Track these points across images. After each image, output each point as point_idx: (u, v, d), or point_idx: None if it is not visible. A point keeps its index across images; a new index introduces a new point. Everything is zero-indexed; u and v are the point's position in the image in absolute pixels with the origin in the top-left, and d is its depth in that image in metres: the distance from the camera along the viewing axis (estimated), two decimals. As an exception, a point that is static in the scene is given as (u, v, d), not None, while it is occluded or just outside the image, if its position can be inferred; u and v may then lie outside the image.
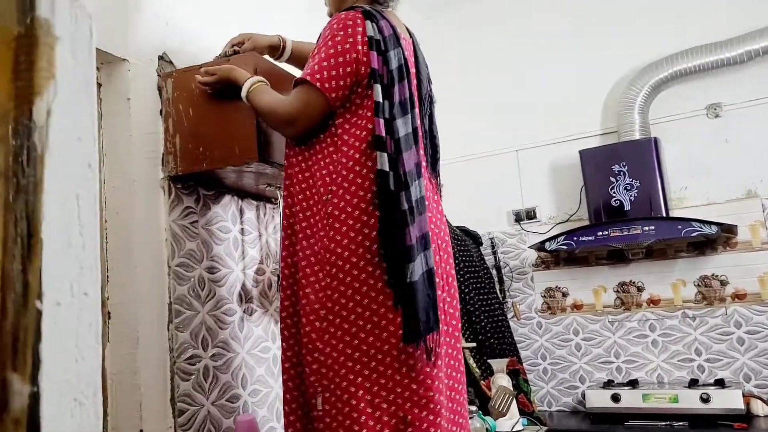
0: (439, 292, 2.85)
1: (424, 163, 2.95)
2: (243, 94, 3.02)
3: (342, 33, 2.83)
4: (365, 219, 2.73)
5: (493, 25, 6.18)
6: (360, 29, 2.84)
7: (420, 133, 2.96)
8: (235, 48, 3.34)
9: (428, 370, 2.74)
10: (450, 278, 3.02)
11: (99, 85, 3.24)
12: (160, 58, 3.46)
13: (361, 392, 2.70)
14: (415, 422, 2.70)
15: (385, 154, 2.73)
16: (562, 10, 5.92)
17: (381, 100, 2.79)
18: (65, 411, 1.13)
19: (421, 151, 2.94)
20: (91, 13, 1.28)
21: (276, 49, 3.50)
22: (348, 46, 2.81)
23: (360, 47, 2.81)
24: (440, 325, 2.78)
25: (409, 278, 2.66)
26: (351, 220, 2.74)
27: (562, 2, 5.94)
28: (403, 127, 2.80)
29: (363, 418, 2.68)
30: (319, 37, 2.96)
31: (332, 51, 2.81)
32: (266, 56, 3.43)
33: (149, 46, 3.41)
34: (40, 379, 1.09)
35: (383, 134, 2.74)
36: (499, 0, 6.18)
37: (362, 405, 2.69)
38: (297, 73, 3.40)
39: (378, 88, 2.80)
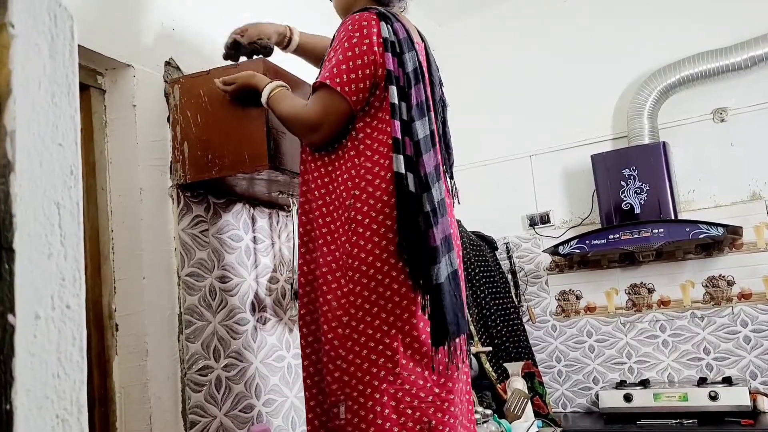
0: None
1: (442, 167, 2.86)
2: (263, 99, 2.93)
3: (358, 34, 2.74)
4: (389, 224, 2.64)
5: (506, 33, 6.15)
6: (375, 30, 2.74)
7: (436, 137, 2.86)
8: (235, 37, 3.21)
9: (451, 373, 2.68)
10: (462, 282, 2.90)
11: (103, 91, 3.14)
12: (167, 63, 3.33)
13: (385, 398, 2.62)
14: (438, 426, 2.63)
15: (402, 156, 2.64)
16: (574, 18, 5.89)
17: (397, 102, 2.70)
18: (47, 428, 1.06)
19: (439, 155, 2.84)
20: (72, 13, 1.20)
21: (283, 38, 3.37)
22: (365, 47, 2.72)
23: (376, 48, 2.72)
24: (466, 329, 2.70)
25: (435, 280, 2.57)
26: (375, 225, 2.64)
27: (575, 10, 5.91)
28: (421, 129, 2.72)
29: (388, 424, 2.61)
30: (333, 39, 2.87)
31: (350, 53, 2.72)
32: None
33: (155, 52, 3.29)
34: (13, 397, 1.01)
35: (399, 136, 2.66)
36: (512, 7, 6.15)
37: (387, 411, 2.62)
38: (303, 68, 3.33)
39: (393, 89, 2.71)
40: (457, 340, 2.67)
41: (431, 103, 2.89)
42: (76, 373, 1.12)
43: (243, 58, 3.23)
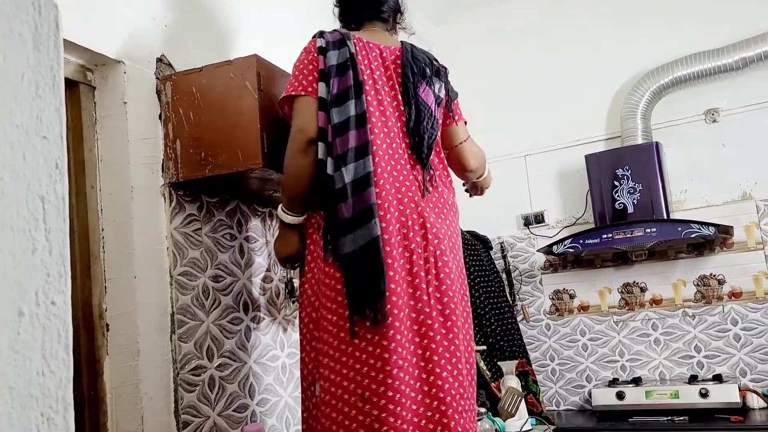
0: (415, 269, 2.88)
1: (402, 152, 3.03)
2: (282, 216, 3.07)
3: (302, 53, 3.06)
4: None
5: (502, 33, 6.17)
6: (312, 44, 3.04)
7: (372, 118, 2.97)
8: None
9: (385, 343, 2.72)
10: (441, 271, 2.94)
11: (93, 87, 3.08)
12: (159, 60, 3.27)
13: (332, 375, 2.75)
14: (373, 398, 2.69)
15: (323, 144, 2.87)
16: (569, 19, 5.91)
17: (325, 96, 2.91)
18: (31, 427, 1.03)
19: (385, 137, 3.00)
20: (57, 3, 1.17)
21: None
22: (305, 58, 3.03)
23: (313, 55, 3.00)
24: (386, 294, 2.74)
25: (340, 251, 2.79)
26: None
27: (570, 11, 5.92)
28: (340, 113, 2.89)
29: (333, 401, 2.75)
30: None
31: (295, 66, 3.05)
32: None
33: (147, 48, 3.23)
34: None
35: (323, 125, 2.90)
36: (507, 8, 6.16)
37: (333, 388, 2.75)
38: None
39: (322, 85, 2.93)
40: (382, 307, 2.73)
41: (367, 88, 3.00)
42: (62, 371, 1.10)
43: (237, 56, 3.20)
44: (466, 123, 3.42)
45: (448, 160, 3.31)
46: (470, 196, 3.73)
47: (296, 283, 3.57)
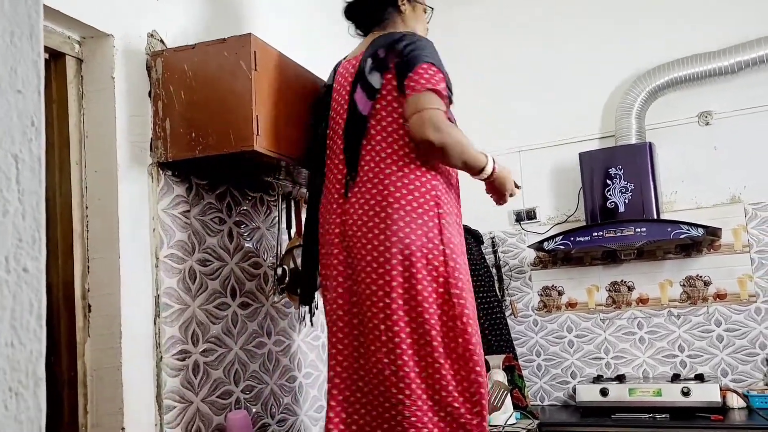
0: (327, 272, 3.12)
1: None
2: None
3: None
4: None
5: (495, 28, 6.13)
6: None
7: (331, 132, 3.22)
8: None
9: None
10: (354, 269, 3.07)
11: (80, 60, 2.98)
12: (150, 35, 3.17)
13: None
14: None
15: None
16: (567, 16, 5.89)
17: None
18: None
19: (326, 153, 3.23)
20: None
21: None
22: None
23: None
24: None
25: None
26: None
27: (568, 9, 5.90)
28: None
29: None
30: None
31: None
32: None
33: (138, 22, 3.12)
34: None
35: None
36: (504, 4, 6.14)
37: None
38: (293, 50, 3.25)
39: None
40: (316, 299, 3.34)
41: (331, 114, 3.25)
42: (33, 342, 1.01)
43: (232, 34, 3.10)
44: (434, 91, 3.01)
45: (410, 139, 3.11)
46: (496, 203, 3.61)
47: (280, 271, 3.52)
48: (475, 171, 3.10)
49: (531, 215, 5.81)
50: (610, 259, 5.56)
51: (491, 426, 4.30)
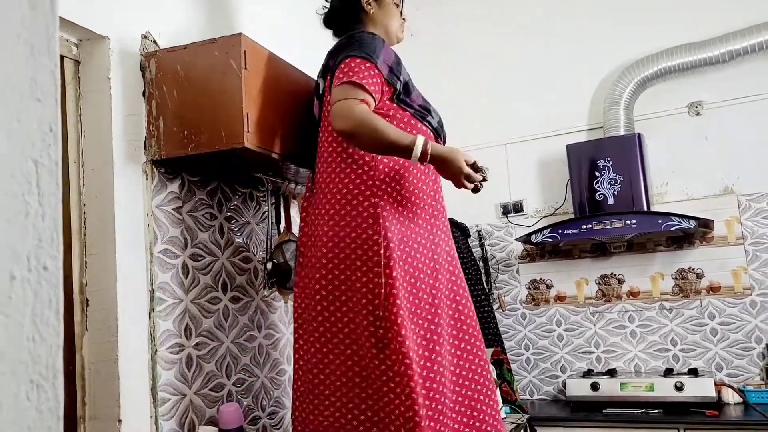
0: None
1: None
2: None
3: None
4: None
5: (483, 20, 6.14)
6: None
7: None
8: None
9: None
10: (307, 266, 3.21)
11: (77, 62, 3.07)
12: (144, 36, 3.26)
13: None
14: None
15: None
16: (554, 7, 5.90)
17: None
18: (21, 393, 1.02)
19: None
20: None
21: None
22: None
23: None
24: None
25: None
26: None
27: (552, 1, 5.92)
28: None
29: None
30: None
31: None
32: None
33: (132, 24, 3.21)
34: None
35: None
36: None
37: None
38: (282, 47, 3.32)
39: None
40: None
41: None
42: (53, 337, 1.09)
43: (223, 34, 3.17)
44: (349, 83, 2.99)
45: None
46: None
47: (269, 265, 3.60)
48: (401, 154, 2.95)
49: (518, 208, 5.83)
50: (599, 252, 5.57)
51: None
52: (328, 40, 3.44)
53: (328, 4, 3.51)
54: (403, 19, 3.49)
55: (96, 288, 2.96)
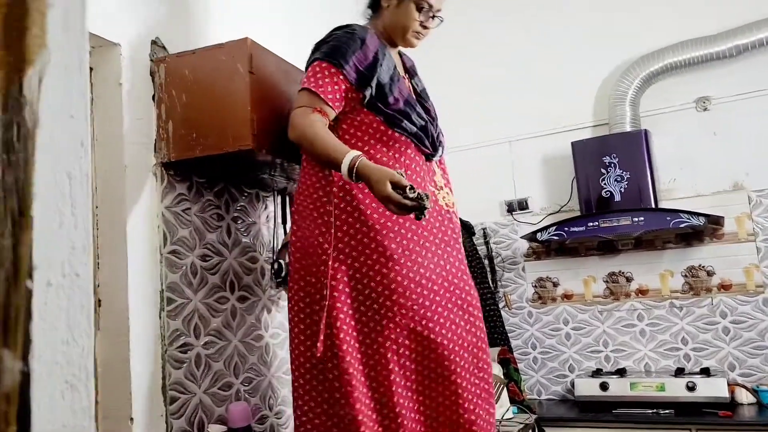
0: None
1: None
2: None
3: None
4: None
5: (489, 16, 6.16)
6: None
7: None
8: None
9: None
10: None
11: (90, 69, 3.16)
12: (153, 42, 3.37)
13: None
14: None
15: None
16: (558, 3, 5.92)
17: None
18: (56, 393, 1.10)
19: None
20: None
21: None
22: None
23: None
24: None
25: None
26: None
27: (557, -3, 5.93)
28: None
29: None
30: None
31: None
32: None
33: (142, 31, 3.32)
34: (31, 360, 1.06)
35: None
36: None
37: None
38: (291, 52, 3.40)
39: None
40: None
41: None
42: (85, 340, 1.16)
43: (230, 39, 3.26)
44: (305, 90, 3.06)
45: None
46: None
47: (276, 265, 3.68)
48: (336, 169, 2.89)
49: (523, 205, 5.85)
50: (606, 249, 5.60)
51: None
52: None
53: None
54: (423, 26, 3.35)
55: (108, 288, 3.05)
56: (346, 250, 3.02)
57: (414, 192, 2.67)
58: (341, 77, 3.05)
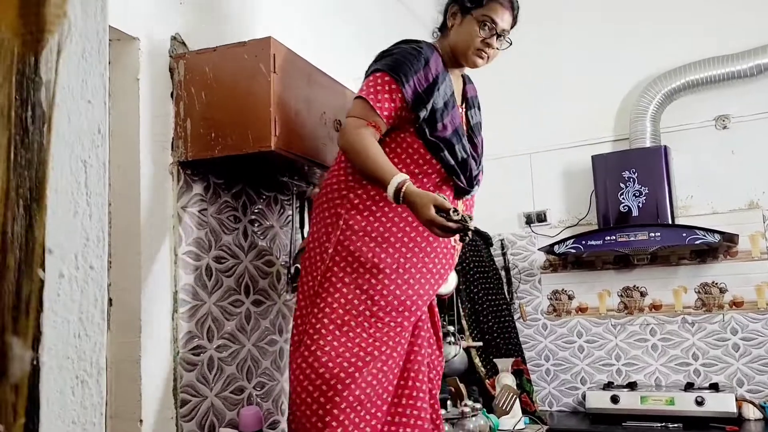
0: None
1: None
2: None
3: None
4: None
5: (512, 29, 6.05)
6: None
7: None
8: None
9: None
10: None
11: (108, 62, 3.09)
12: (173, 38, 3.27)
13: None
14: None
15: None
16: (581, 18, 5.92)
17: None
18: (66, 388, 1.07)
19: None
20: None
21: None
22: None
23: None
24: None
25: None
26: None
27: (581, 11, 5.93)
28: None
29: None
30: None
31: None
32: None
33: (162, 26, 3.23)
34: (41, 351, 1.01)
35: None
36: (519, 3, 6.07)
37: None
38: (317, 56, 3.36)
39: None
40: None
41: None
42: (97, 334, 1.12)
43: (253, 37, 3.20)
44: (359, 98, 3.05)
45: None
46: None
47: (293, 270, 3.63)
48: (381, 188, 2.89)
49: (541, 218, 5.84)
50: (622, 264, 5.58)
51: (500, 430, 4.39)
52: (358, 46, 3.45)
53: None
54: (486, 44, 3.31)
55: (120, 287, 2.98)
56: (344, 244, 2.99)
57: (458, 214, 2.69)
58: (399, 95, 3.00)
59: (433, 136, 3.08)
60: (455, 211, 2.68)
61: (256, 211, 3.70)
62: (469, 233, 2.72)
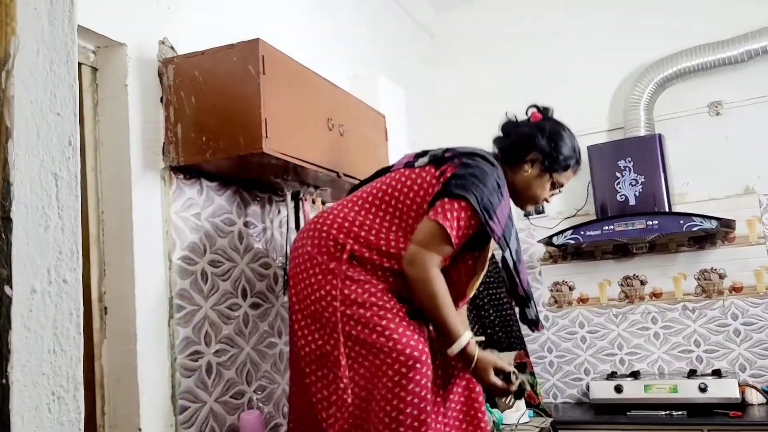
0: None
1: None
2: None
3: None
4: None
5: (503, 23, 6.14)
6: None
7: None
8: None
9: None
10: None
11: (95, 69, 3.07)
12: (161, 42, 3.25)
13: None
14: None
15: None
16: (572, 9, 5.92)
17: None
18: (41, 406, 1.04)
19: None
20: None
21: None
22: None
23: None
24: None
25: None
26: None
27: (572, 2, 5.94)
28: None
29: None
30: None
31: None
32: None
33: (149, 31, 3.20)
34: (10, 372, 0.99)
35: None
36: None
37: None
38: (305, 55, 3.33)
39: None
40: None
41: None
42: (73, 349, 1.10)
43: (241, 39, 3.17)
44: (445, 235, 2.86)
45: None
46: None
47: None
48: (443, 336, 2.86)
49: (539, 210, 5.82)
50: (621, 253, 5.59)
51: (504, 424, 4.37)
52: (347, 44, 3.42)
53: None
54: (545, 200, 3.37)
55: (115, 296, 2.95)
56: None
57: (517, 378, 2.85)
58: (477, 230, 2.89)
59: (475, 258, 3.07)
60: (515, 375, 2.83)
61: (250, 213, 3.68)
62: (524, 396, 2.94)
